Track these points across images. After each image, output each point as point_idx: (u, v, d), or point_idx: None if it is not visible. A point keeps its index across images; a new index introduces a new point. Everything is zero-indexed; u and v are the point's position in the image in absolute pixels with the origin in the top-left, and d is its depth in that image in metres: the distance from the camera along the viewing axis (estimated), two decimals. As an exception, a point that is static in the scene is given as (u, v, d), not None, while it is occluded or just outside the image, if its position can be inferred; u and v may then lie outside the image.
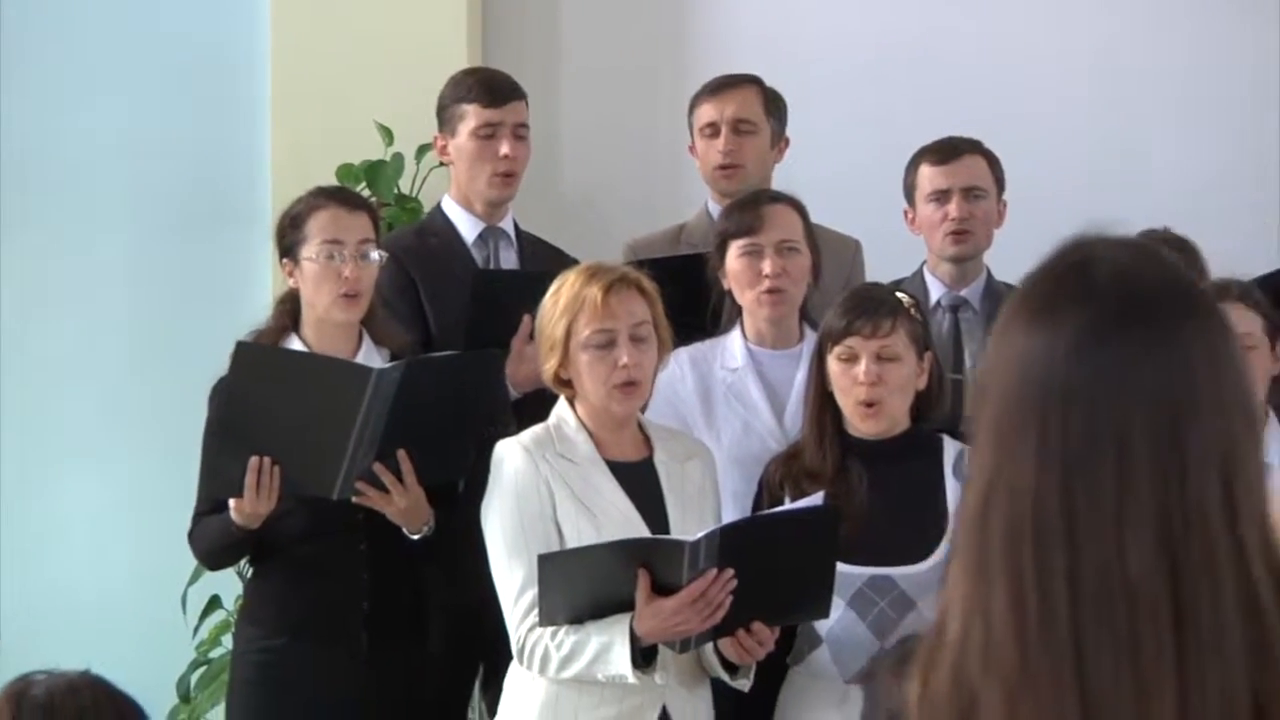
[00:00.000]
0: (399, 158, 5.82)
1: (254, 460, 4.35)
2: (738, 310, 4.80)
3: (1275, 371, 4.34)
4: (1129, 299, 1.87)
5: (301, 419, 4.43)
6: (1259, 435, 1.87)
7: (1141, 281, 1.88)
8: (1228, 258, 4.99)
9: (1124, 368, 1.84)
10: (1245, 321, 4.38)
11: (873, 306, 4.39)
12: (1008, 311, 1.92)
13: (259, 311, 4.80)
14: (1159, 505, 1.80)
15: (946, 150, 5.13)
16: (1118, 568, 1.80)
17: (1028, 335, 1.88)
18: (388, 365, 4.50)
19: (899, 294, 4.59)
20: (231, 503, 4.43)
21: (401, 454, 4.44)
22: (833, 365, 4.35)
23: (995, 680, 1.82)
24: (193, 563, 4.81)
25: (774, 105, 5.43)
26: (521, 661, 4.19)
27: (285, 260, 4.69)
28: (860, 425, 4.38)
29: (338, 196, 4.79)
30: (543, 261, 5.08)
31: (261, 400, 4.46)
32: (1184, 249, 4.76)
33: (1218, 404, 1.84)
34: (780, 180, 5.33)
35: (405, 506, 4.46)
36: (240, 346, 4.50)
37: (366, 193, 5.64)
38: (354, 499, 4.44)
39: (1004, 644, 1.81)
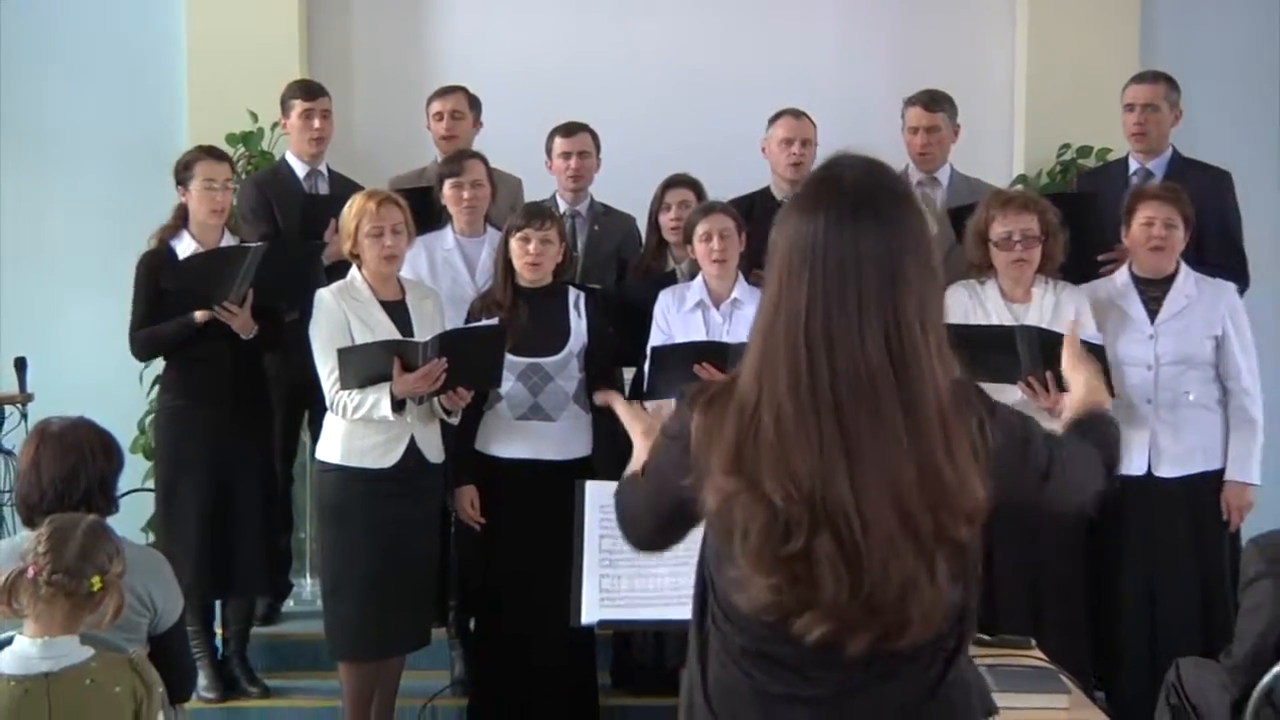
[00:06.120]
0: (261, 130, 5.69)
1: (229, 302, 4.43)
2: (449, 216, 4.81)
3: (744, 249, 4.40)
4: (861, 196, 1.82)
5: (215, 276, 4.46)
6: (941, 283, 1.87)
7: (868, 185, 1.84)
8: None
9: (859, 239, 1.80)
10: (720, 220, 4.39)
11: (538, 212, 4.43)
12: (788, 204, 1.88)
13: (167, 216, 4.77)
14: (883, 322, 1.78)
15: (569, 128, 5.14)
16: (860, 356, 1.77)
17: (799, 219, 1.83)
18: (255, 244, 4.51)
19: (548, 207, 4.64)
20: (217, 312, 4.43)
21: (245, 302, 4.44)
22: (514, 245, 4.36)
23: (774, 420, 1.78)
24: (148, 358, 4.78)
25: (474, 102, 5.37)
26: (330, 409, 4.24)
27: (180, 187, 4.63)
28: (528, 276, 4.36)
29: (211, 152, 4.71)
30: (344, 188, 4.99)
31: (196, 271, 4.50)
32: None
33: (916, 270, 1.82)
34: (478, 143, 5.26)
35: (241, 323, 4.47)
36: (188, 257, 4.53)
37: (242, 149, 5.59)
38: (217, 316, 4.44)
39: (785, 400, 1.79)
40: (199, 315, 4.48)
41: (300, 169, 5.23)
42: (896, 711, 1.83)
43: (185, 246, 4.62)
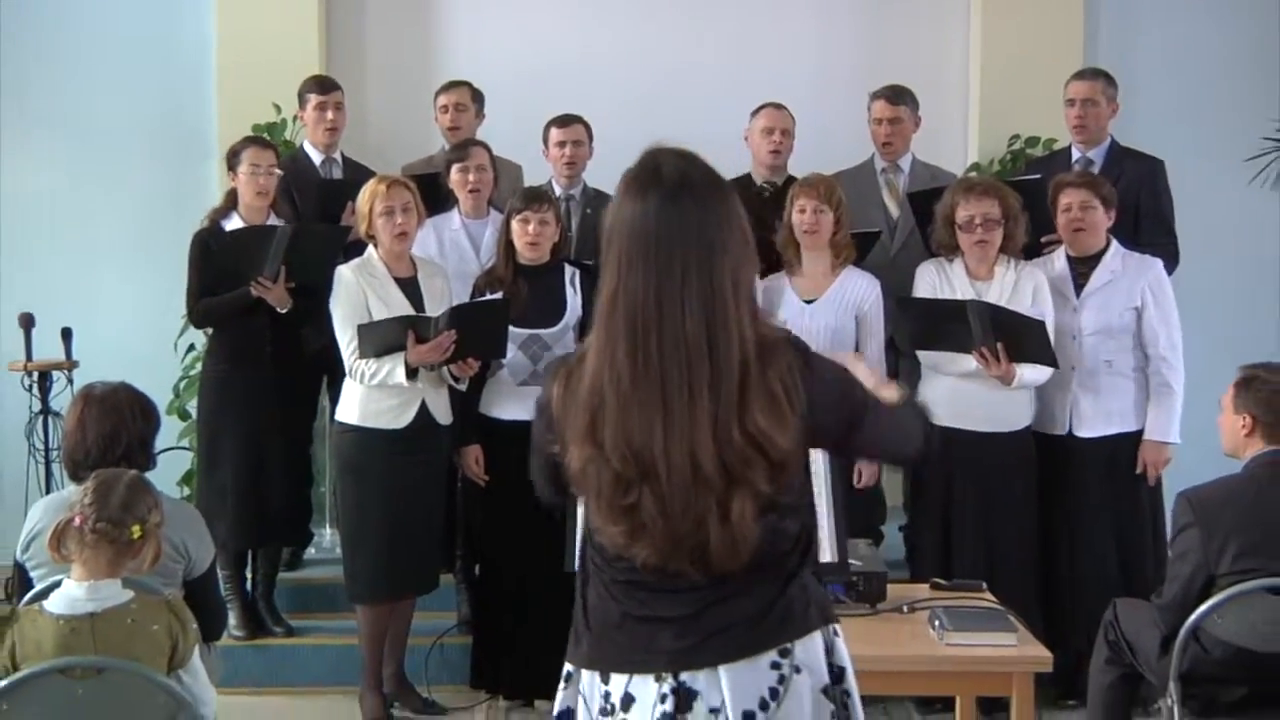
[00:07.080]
0: (285, 121, 5.64)
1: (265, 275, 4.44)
2: (456, 200, 4.79)
3: None
4: (680, 182, 1.88)
5: (249, 253, 4.47)
6: (754, 255, 1.91)
7: (688, 174, 1.89)
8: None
9: (683, 223, 1.86)
10: None
11: (536, 195, 4.42)
12: (619, 189, 1.93)
13: (208, 200, 4.76)
14: (703, 296, 1.84)
15: (564, 119, 5.08)
16: (683, 330, 1.83)
17: (630, 204, 1.89)
18: (283, 225, 4.52)
19: (545, 191, 4.64)
20: (253, 287, 4.45)
21: (279, 278, 4.47)
22: (515, 225, 4.35)
23: (615, 392, 1.85)
24: (179, 325, 4.71)
25: (477, 95, 5.35)
26: (350, 376, 4.24)
27: (230, 172, 4.67)
28: (527, 254, 4.35)
29: (258, 141, 4.79)
30: (357, 173, 4.99)
31: (232, 248, 4.50)
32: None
33: (733, 243, 1.87)
34: (481, 133, 5.22)
35: (276, 297, 4.50)
36: (237, 230, 4.53)
37: (267, 139, 5.65)
38: (253, 291, 4.47)
39: (623, 373, 1.86)
40: (254, 288, 4.50)
41: (316, 157, 5.22)
42: (743, 621, 1.93)
43: (234, 225, 4.63)
